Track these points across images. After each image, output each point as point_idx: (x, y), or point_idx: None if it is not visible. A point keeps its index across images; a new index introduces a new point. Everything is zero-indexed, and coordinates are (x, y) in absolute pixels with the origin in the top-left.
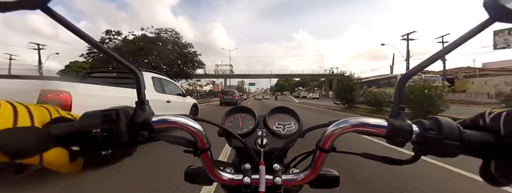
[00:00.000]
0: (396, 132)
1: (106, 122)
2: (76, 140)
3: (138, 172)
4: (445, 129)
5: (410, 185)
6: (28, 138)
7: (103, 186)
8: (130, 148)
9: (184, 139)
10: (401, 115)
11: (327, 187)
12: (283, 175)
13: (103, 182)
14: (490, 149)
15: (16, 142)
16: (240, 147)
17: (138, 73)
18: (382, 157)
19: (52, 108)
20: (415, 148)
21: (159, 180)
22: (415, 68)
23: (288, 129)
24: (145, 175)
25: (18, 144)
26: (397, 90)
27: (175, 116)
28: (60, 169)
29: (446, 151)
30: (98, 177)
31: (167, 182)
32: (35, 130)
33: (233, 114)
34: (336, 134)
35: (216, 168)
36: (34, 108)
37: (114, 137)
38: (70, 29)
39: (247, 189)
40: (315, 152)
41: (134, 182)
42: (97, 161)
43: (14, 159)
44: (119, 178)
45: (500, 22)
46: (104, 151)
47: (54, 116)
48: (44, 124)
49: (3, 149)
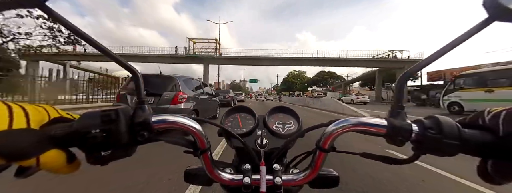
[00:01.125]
0: (395, 131)
1: (106, 122)
2: (75, 141)
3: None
4: (444, 128)
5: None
6: (23, 141)
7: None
8: (130, 148)
9: (184, 139)
10: (401, 114)
11: (327, 187)
12: (283, 175)
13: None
14: (488, 148)
15: (10, 144)
16: (240, 147)
17: (138, 73)
18: (381, 156)
19: (51, 108)
20: (415, 147)
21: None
22: (415, 67)
23: (288, 129)
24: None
25: (13, 146)
26: (397, 89)
27: (174, 116)
28: (57, 171)
29: (445, 150)
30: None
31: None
32: (31, 132)
33: (233, 114)
34: (336, 133)
35: (216, 169)
36: (30, 108)
37: (114, 137)
38: (69, 28)
39: (247, 189)
40: (315, 152)
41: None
42: (96, 162)
43: (9, 162)
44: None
45: (499, 22)
46: (103, 151)
47: (53, 116)
48: (42, 124)
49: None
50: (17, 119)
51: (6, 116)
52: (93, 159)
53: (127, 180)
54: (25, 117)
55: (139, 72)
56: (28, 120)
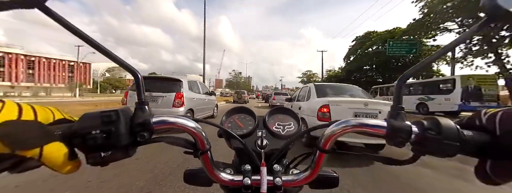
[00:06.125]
0: (395, 133)
1: (106, 123)
2: (75, 142)
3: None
4: (444, 129)
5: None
6: (30, 130)
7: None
8: (130, 149)
9: (184, 140)
10: (401, 115)
11: (327, 188)
12: (283, 176)
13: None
14: (487, 148)
15: (18, 133)
16: (240, 148)
17: (138, 74)
18: (381, 157)
19: (55, 110)
20: (414, 149)
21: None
22: (414, 67)
23: (287, 130)
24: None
25: (20, 135)
26: (396, 90)
27: (174, 117)
28: (58, 167)
29: (445, 151)
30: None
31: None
32: (38, 124)
33: (233, 115)
34: (336, 134)
35: (216, 169)
36: (38, 108)
37: (114, 138)
38: (69, 29)
39: (247, 190)
40: (315, 152)
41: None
42: (96, 163)
43: (14, 150)
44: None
45: (498, 22)
46: (103, 152)
47: (57, 118)
48: (47, 124)
49: (4, 139)
50: (26, 113)
51: (16, 110)
52: (93, 160)
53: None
54: (33, 113)
55: (139, 73)
56: (35, 116)
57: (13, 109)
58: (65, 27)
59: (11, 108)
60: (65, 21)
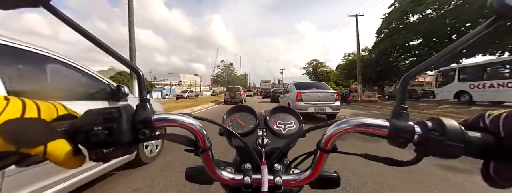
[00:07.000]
0: (397, 133)
1: (108, 120)
2: (78, 138)
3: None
4: (448, 130)
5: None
6: (34, 128)
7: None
8: (131, 146)
9: (185, 137)
10: (403, 115)
11: (328, 188)
12: (284, 175)
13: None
14: (490, 150)
15: (22, 131)
16: (241, 146)
17: (140, 72)
18: (383, 158)
19: (59, 105)
20: (417, 149)
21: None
22: (419, 67)
23: (289, 129)
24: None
25: (24, 133)
26: (400, 90)
27: (176, 114)
28: (62, 163)
29: (449, 153)
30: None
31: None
32: (42, 122)
33: (234, 113)
34: (337, 134)
35: (216, 168)
36: (42, 103)
37: (116, 135)
38: (73, 28)
39: (248, 189)
40: (316, 152)
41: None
42: (98, 159)
43: (19, 148)
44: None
45: (506, 21)
46: (105, 148)
47: (61, 113)
48: (51, 119)
49: (9, 137)
50: (29, 111)
51: (20, 107)
52: (95, 156)
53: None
54: (37, 110)
55: (141, 71)
56: (39, 113)
57: (17, 106)
58: (69, 26)
59: (16, 106)
60: (70, 20)
